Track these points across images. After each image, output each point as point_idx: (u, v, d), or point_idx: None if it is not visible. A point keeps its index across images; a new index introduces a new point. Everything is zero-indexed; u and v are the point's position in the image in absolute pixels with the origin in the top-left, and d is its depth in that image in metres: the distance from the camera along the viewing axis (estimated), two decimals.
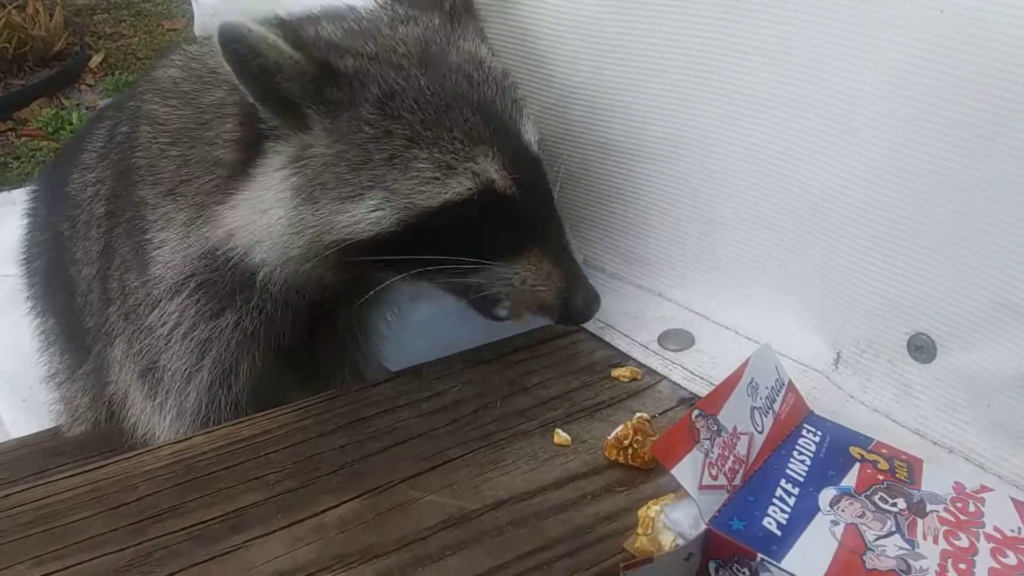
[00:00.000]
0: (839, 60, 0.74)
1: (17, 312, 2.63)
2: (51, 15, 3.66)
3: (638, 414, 0.74)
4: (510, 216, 0.73)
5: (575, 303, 0.74)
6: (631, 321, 0.90)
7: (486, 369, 0.83)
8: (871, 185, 0.74)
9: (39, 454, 1.33)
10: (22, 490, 0.67)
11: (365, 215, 0.70)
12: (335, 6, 0.82)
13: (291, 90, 0.70)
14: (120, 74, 3.75)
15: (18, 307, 2.64)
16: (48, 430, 1.75)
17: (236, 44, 0.67)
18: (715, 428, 0.59)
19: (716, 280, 0.89)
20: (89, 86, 3.69)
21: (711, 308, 0.89)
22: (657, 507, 0.61)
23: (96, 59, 3.80)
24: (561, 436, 0.74)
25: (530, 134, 0.75)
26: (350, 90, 0.71)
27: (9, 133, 3.33)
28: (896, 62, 0.69)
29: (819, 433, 0.67)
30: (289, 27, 0.71)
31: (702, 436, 0.58)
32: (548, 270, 0.74)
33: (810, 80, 0.76)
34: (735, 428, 0.61)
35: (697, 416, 0.59)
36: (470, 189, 0.71)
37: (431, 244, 0.71)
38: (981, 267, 0.68)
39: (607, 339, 0.88)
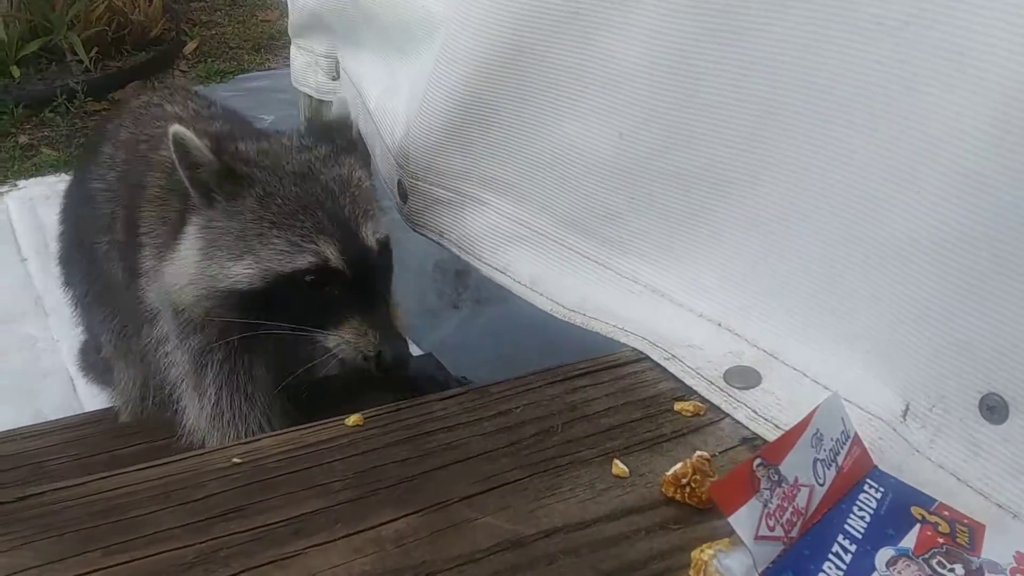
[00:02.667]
0: (924, 94, 0.73)
1: None
2: (150, 1, 3.77)
3: (698, 452, 0.74)
4: (341, 290, 0.98)
5: (385, 356, 0.97)
6: (697, 354, 0.90)
7: (550, 392, 0.84)
8: (954, 223, 0.73)
9: (110, 433, 1.38)
10: (96, 479, 0.70)
11: (241, 271, 0.99)
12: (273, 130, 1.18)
13: (206, 179, 0.98)
14: (212, 62, 3.85)
15: None
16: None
17: (180, 145, 0.96)
18: (776, 478, 0.59)
19: (788, 320, 0.88)
20: (182, 72, 3.80)
21: (780, 347, 0.88)
22: (711, 551, 0.61)
23: (190, 46, 3.91)
24: (619, 467, 0.74)
25: (368, 231, 1.01)
26: (242, 186, 0.99)
27: (103, 113, 3.45)
28: (983, 100, 0.68)
29: (881, 489, 0.67)
30: (215, 138, 1.00)
31: (762, 486, 0.58)
32: (366, 331, 0.98)
33: (894, 120, 0.75)
34: (796, 479, 0.61)
35: (759, 465, 0.58)
36: (311, 263, 0.97)
37: (282, 307, 0.97)
38: None
39: (672, 370, 0.88)
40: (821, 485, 0.63)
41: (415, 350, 2.14)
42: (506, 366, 1.23)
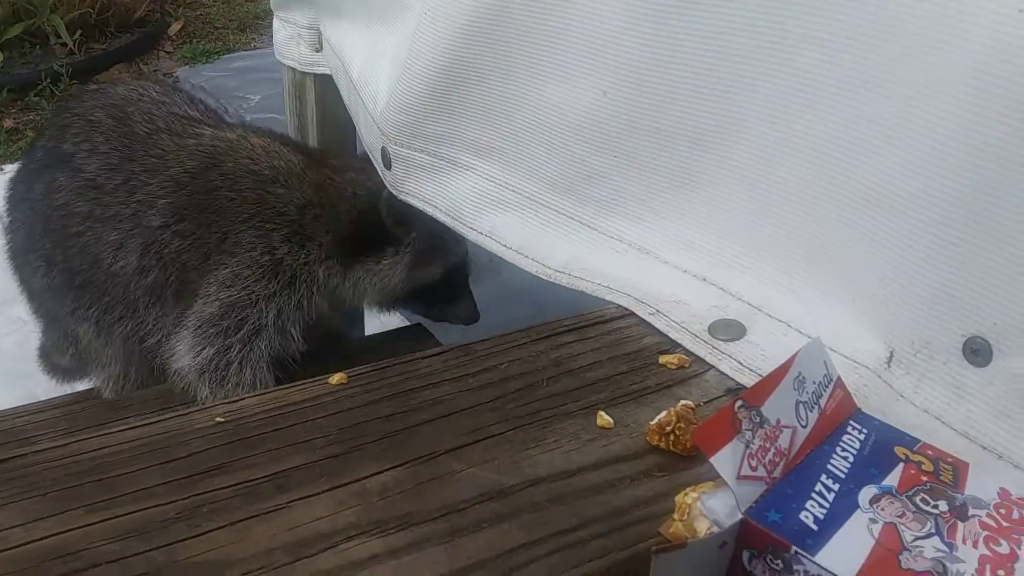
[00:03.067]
0: (916, 44, 0.72)
1: None
2: None
3: (683, 401, 0.74)
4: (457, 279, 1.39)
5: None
6: (682, 308, 0.90)
7: (535, 348, 0.84)
8: (935, 173, 0.72)
9: (100, 408, 1.38)
10: (78, 440, 0.70)
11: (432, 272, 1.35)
12: None
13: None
14: (197, 42, 3.83)
15: None
16: None
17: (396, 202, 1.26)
18: (758, 420, 0.59)
19: (770, 270, 0.88)
20: (167, 53, 3.78)
21: (764, 299, 0.88)
22: (695, 494, 0.61)
23: (175, 27, 3.89)
24: (604, 419, 0.74)
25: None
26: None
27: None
28: (979, 52, 0.68)
29: (864, 431, 0.67)
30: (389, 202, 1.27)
31: (744, 427, 0.58)
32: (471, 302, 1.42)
33: (876, 63, 0.75)
34: (778, 421, 0.61)
35: (740, 407, 0.58)
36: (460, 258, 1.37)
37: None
38: None
39: (657, 325, 0.88)
40: (804, 427, 0.63)
41: (403, 322, 2.16)
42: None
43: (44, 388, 2.23)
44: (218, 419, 0.73)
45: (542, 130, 1.04)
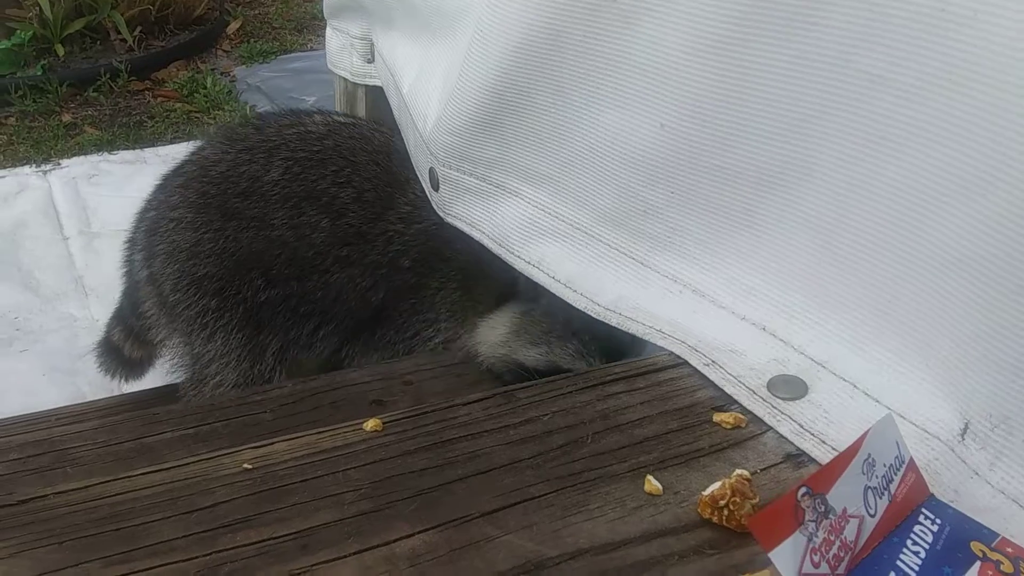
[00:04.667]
0: (1002, 93, 0.66)
1: None
2: None
3: (737, 471, 0.69)
4: None
5: None
6: (739, 360, 0.85)
7: (581, 398, 0.80)
8: (1012, 237, 0.67)
9: (139, 420, 1.36)
10: (100, 483, 0.67)
11: (535, 355, 1.23)
12: None
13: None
14: (255, 42, 3.84)
15: None
16: (152, 389, 1.81)
17: None
18: (822, 509, 0.54)
19: (835, 324, 0.83)
20: (225, 52, 3.80)
21: (828, 355, 0.82)
22: None
23: (233, 26, 3.91)
24: (652, 484, 0.69)
25: None
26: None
27: (146, 92, 3.46)
28: None
29: (938, 522, 0.61)
30: None
31: (807, 518, 0.53)
32: None
33: (958, 111, 0.69)
34: (844, 510, 0.56)
35: (804, 494, 0.53)
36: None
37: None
38: None
39: (712, 377, 0.83)
40: (872, 516, 0.58)
41: None
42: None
43: (91, 386, 2.24)
44: (246, 465, 0.69)
45: (595, 159, 0.99)
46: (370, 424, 0.74)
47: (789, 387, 0.80)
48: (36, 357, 2.31)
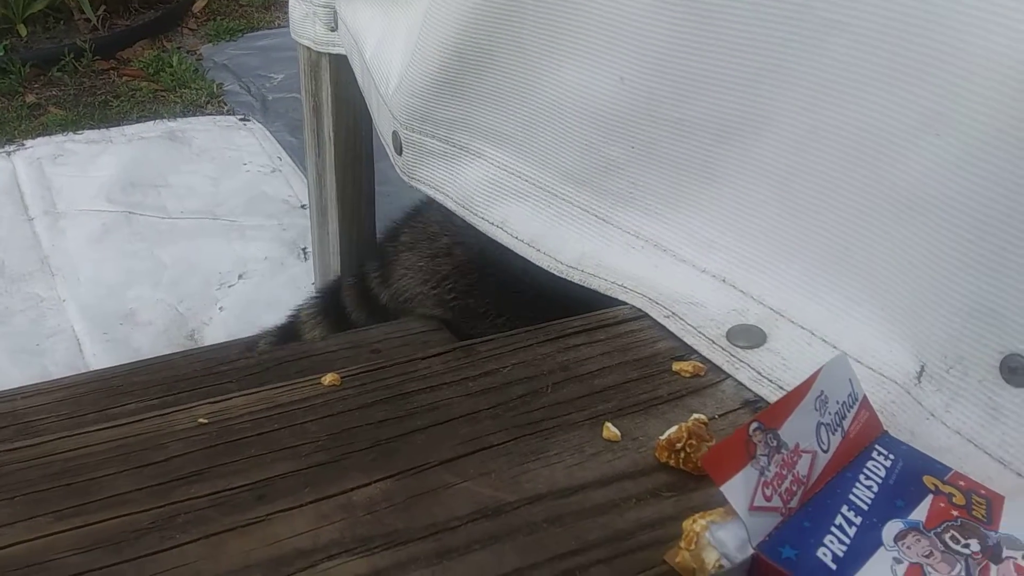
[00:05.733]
0: (958, 31, 0.66)
1: (106, 247, 2.71)
2: None
3: (695, 415, 0.69)
4: None
5: None
6: (699, 311, 0.85)
7: (541, 351, 0.79)
8: (976, 173, 0.67)
9: (104, 391, 1.35)
10: (53, 439, 0.66)
11: None
12: None
13: None
14: (221, 20, 3.79)
15: (107, 242, 2.73)
16: (122, 365, 1.79)
17: None
18: (774, 444, 0.54)
19: (793, 273, 0.83)
20: (191, 30, 3.75)
21: (786, 304, 0.82)
22: (704, 521, 0.56)
23: (199, 4, 3.86)
24: (611, 430, 0.69)
25: None
26: None
27: (111, 72, 3.41)
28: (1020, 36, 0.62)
29: (891, 457, 0.61)
30: None
31: (759, 452, 0.53)
32: None
33: (916, 55, 0.69)
34: (797, 445, 0.56)
35: (755, 429, 0.53)
36: None
37: None
38: None
39: (672, 328, 0.83)
40: (824, 451, 0.58)
41: None
42: None
43: (57, 366, 2.23)
44: (201, 420, 0.69)
45: (556, 117, 0.99)
46: (328, 379, 0.74)
47: (748, 336, 0.80)
48: (1, 338, 2.28)
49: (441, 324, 1.54)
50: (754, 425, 0.54)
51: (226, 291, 2.42)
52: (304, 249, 2.56)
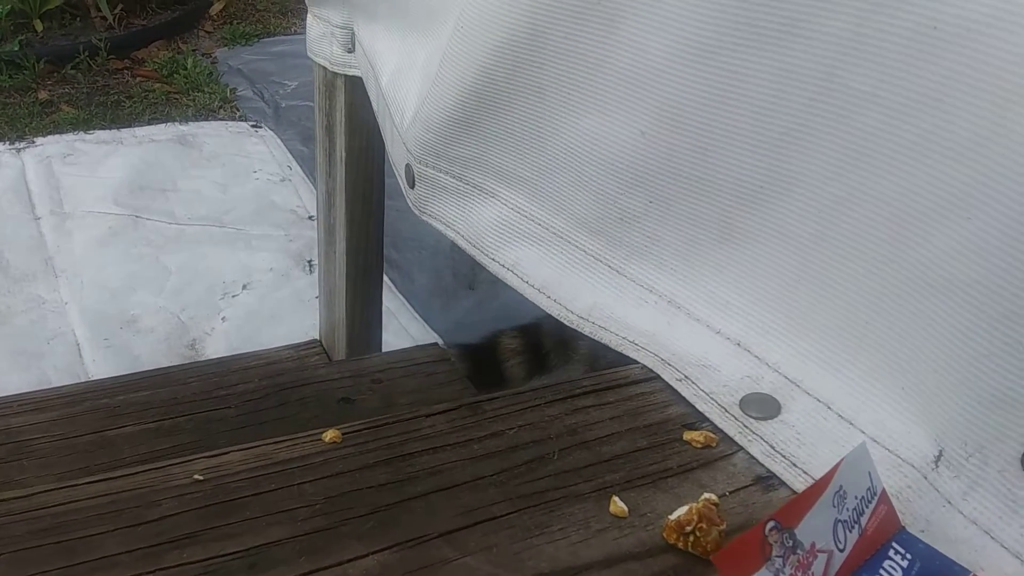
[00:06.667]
0: (992, 115, 0.64)
1: (111, 251, 2.70)
2: None
3: (705, 495, 0.67)
4: None
5: None
6: (712, 376, 0.83)
7: (549, 412, 0.77)
8: (1004, 259, 0.65)
9: (100, 412, 1.33)
10: (43, 491, 0.64)
11: None
12: None
13: None
14: (238, 24, 3.79)
15: (112, 246, 2.72)
16: (119, 377, 1.78)
17: None
18: (790, 544, 0.52)
19: (814, 345, 0.81)
20: (207, 32, 3.74)
21: (803, 375, 0.80)
22: None
23: (217, 6, 3.85)
24: (618, 505, 0.67)
25: None
26: None
27: (125, 72, 3.40)
28: None
29: (908, 557, 0.59)
30: None
31: (774, 553, 0.51)
32: None
33: (950, 133, 0.67)
34: (813, 544, 0.54)
35: (772, 529, 0.51)
36: None
37: None
38: None
39: (684, 393, 0.81)
40: (841, 551, 0.56)
41: (428, 333, 2.08)
42: None
43: (57, 370, 2.21)
44: (197, 476, 0.67)
45: (573, 164, 0.97)
46: (328, 435, 0.72)
47: (762, 406, 0.78)
48: (2, 339, 2.27)
49: (446, 354, 1.52)
50: (770, 524, 0.52)
51: (229, 301, 2.41)
52: (310, 262, 2.54)
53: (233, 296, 2.42)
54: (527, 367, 1.62)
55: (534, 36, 0.93)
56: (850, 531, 0.57)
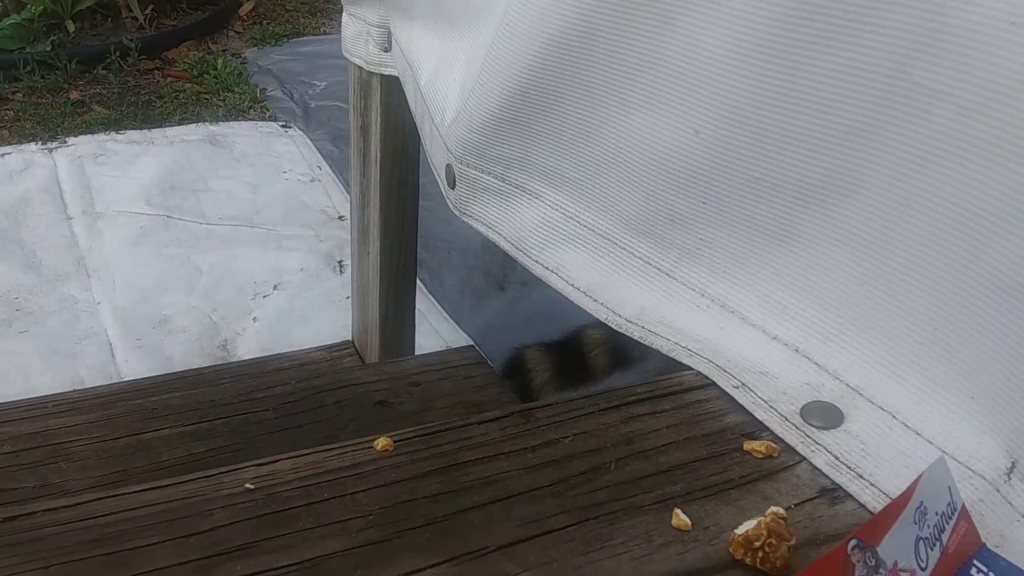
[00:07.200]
0: None
1: (143, 251, 2.70)
2: None
3: (772, 508, 0.64)
4: None
5: None
6: (770, 383, 0.80)
7: (603, 420, 0.75)
8: None
9: (137, 414, 1.32)
10: (92, 500, 0.63)
11: None
12: None
13: None
14: (267, 24, 3.79)
15: (144, 246, 2.72)
16: (154, 377, 1.77)
17: None
18: (873, 563, 0.50)
19: (875, 349, 0.78)
20: (237, 33, 3.75)
21: (867, 382, 0.78)
22: None
23: (246, 7, 3.85)
24: (680, 518, 0.65)
25: None
26: None
27: (156, 72, 3.41)
28: None
29: (990, 575, 0.57)
30: None
31: (857, 573, 0.49)
32: None
33: (1020, 135, 0.64)
34: (895, 564, 0.51)
35: (854, 547, 0.49)
36: None
37: None
38: None
39: (741, 401, 0.79)
40: (923, 570, 0.53)
41: (458, 335, 2.06)
42: None
43: (89, 371, 2.21)
44: (248, 485, 0.65)
45: (623, 164, 0.94)
46: (380, 443, 0.70)
47: (824, 415, 0.76)
48: (35, 339, 2.27)
49: (481, 357, 1.50)
50: (853, 543, 0.49)
51: (260, 301, 2.40)
52: (340, 262, 2.53)
53: (264, 296, 2.41)
54: (611, 356, 1.61)
55: (585, 33, 0.91)
56: (931, 549, 0.54)
